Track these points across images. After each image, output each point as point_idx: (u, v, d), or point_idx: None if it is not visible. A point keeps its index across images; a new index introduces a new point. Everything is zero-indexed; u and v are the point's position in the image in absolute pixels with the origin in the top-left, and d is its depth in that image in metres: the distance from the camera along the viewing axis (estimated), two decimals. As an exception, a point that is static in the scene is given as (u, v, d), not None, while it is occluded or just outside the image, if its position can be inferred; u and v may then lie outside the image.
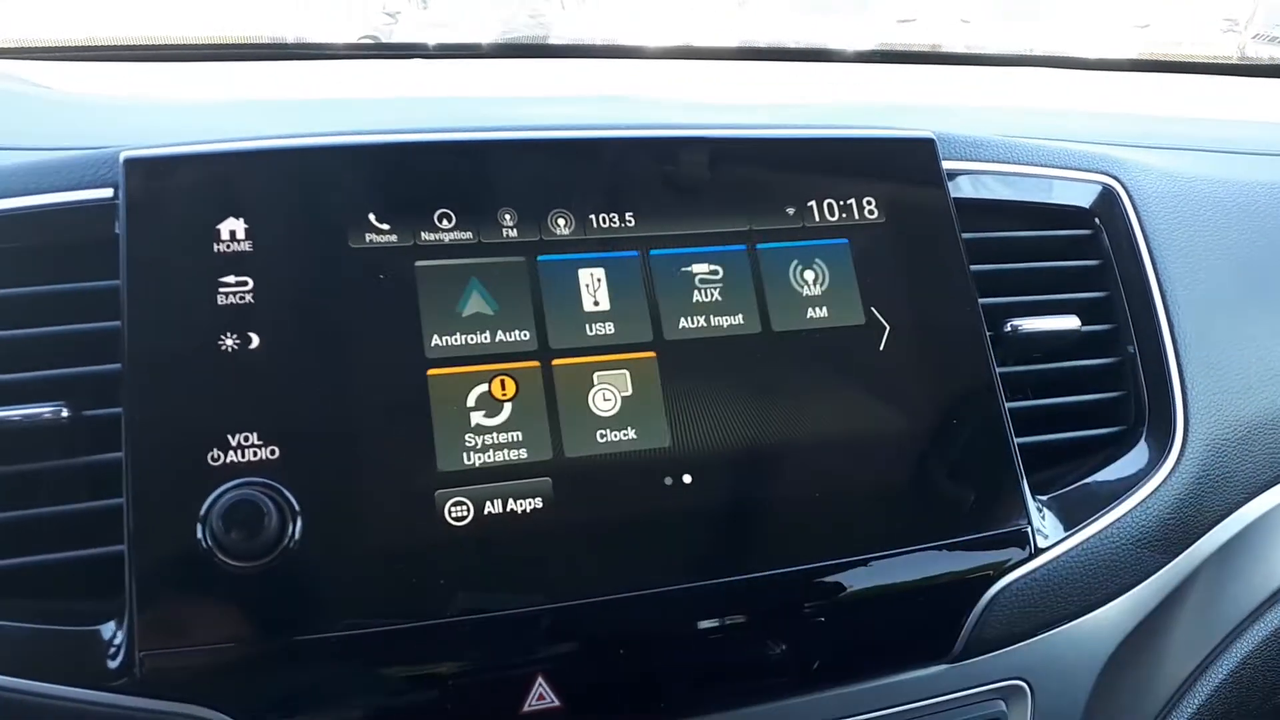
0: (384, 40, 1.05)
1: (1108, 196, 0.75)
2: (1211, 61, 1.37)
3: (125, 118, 0.81)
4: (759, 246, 0.63)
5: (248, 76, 1.00)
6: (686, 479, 0.57)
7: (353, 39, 1.03)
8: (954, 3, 1.29)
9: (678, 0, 1.23)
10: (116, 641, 0.50)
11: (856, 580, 0.58)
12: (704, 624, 0.57)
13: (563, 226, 0.60)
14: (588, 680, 0.55)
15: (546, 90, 1.03)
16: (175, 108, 0.86)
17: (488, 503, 0.54)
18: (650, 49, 1.11)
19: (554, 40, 1.13)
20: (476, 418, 0.56)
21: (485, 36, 1.06)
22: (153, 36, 1.00)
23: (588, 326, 0.59)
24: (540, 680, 0.54)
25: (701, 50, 1.16)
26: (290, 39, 1.02)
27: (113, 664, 0.49)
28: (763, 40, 1.20)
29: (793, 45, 1.20)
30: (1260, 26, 1.40)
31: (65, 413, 0.53)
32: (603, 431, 0.57)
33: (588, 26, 1.19)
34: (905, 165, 0.68)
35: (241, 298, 0.54)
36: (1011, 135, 0.79)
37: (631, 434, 0.57)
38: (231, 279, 0.54)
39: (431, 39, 1.04)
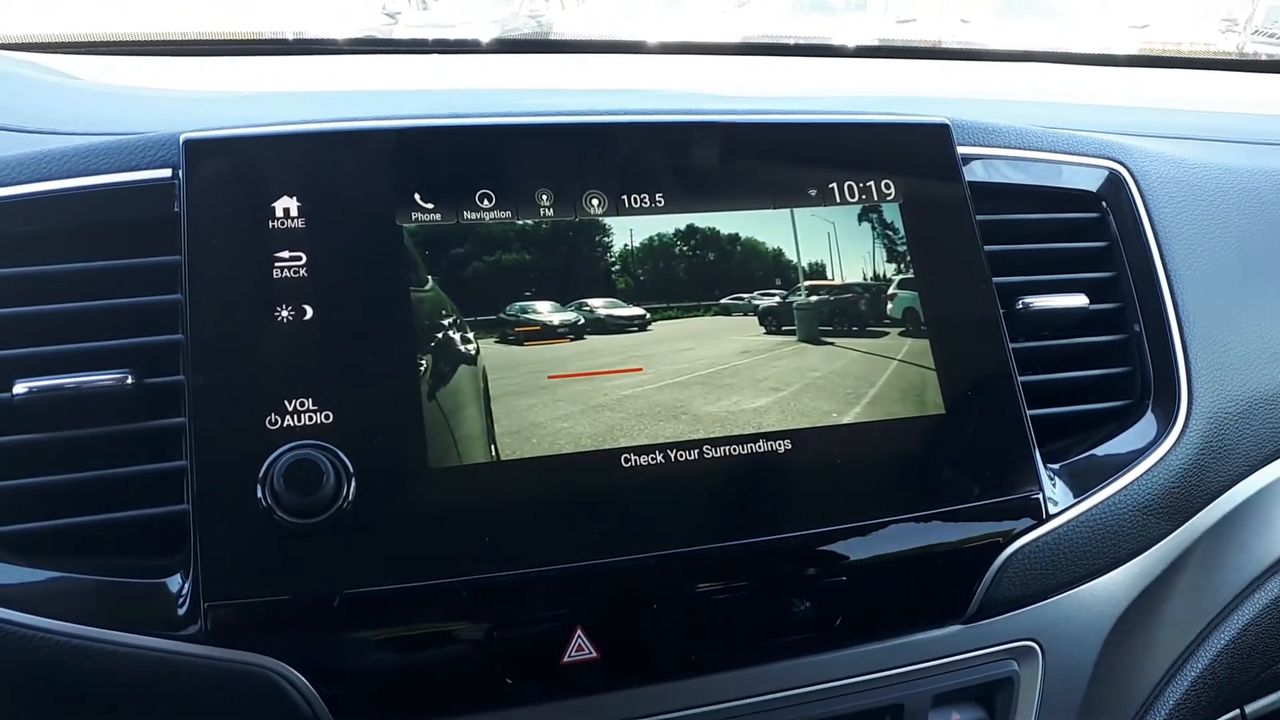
0: (389, 37, 1.08)
1: (1115, 181, 0.77)
2: (1212, 58, 1.40)
3: (164, 107, 0.84)
4: (781, 226, 0.65)
5: (264, 70, 1.03)
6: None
7: (360, 35, 1.06)
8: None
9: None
10: (183, 593, 0.52)
11: (879, 542, 0.61)
12: (733, 583, 0.59)
13: (596, 206, 0.63)
14: (624, 634, 0.58)
15: (551, 85, 1.06)
16: (210, 99, 0.89)
17: (529, 466, 0.57)
18: (652, 44, 1.13)
19: (556, 36, 1.15)
20: (515, 387, 0.58)
21: (487, 34, 1.09)
22: (174, 33, 1.03)
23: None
24: (579, 633, 0.56)
25: (705, 46, 1.17)
26: (306, 34, 1.05)
27: (180, 613, 0.52)
28: (765, 36, 1.22)
29: (795, 41, 1.22)
30: (1260, 24, 1.43)
31: (130, 380, 0.56)
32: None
33: (590, 22, 1.21)
34: (922, 149, 0.70)
35: (296, 272, 0.57)
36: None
37: (661, 405, 0.60)
38: (286, 254, 0.57)
39: (433, 35, 1.07)
